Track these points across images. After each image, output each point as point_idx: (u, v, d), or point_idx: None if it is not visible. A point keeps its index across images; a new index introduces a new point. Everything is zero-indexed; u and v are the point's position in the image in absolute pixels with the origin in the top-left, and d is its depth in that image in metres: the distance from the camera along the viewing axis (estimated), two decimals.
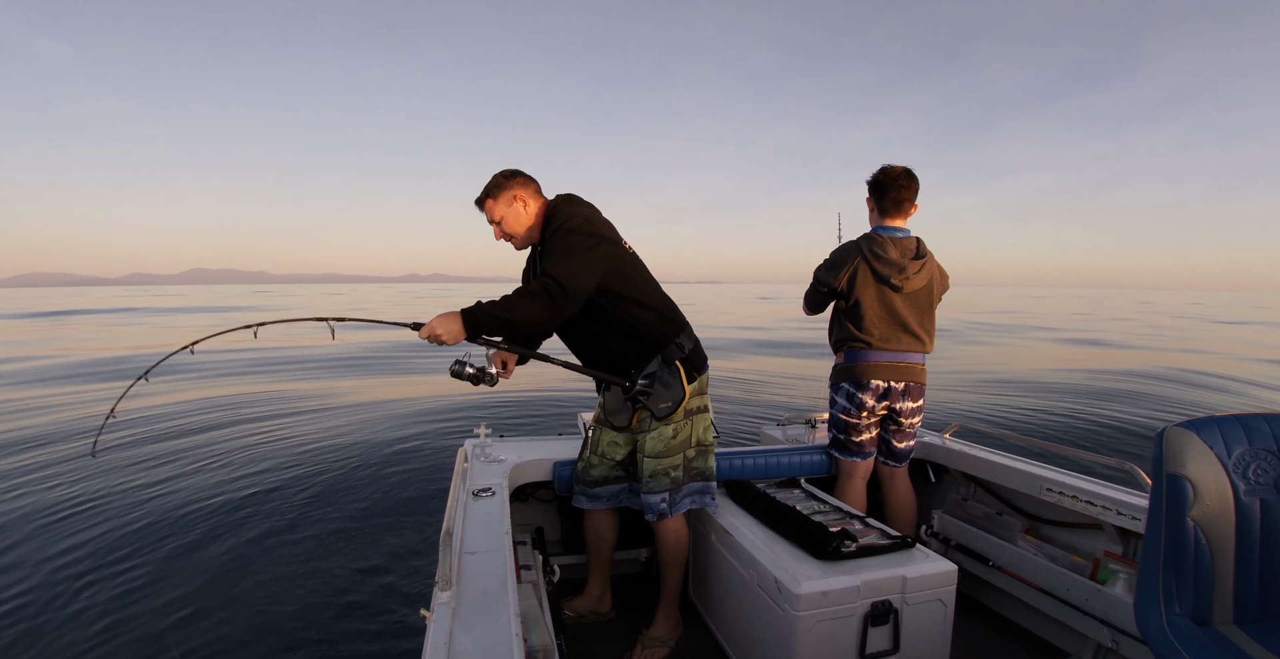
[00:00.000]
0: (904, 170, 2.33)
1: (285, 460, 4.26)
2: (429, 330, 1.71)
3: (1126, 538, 2.05)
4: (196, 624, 2.42)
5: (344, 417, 5.45)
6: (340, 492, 3.76)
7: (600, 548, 2.22)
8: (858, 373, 2.37)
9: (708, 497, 2.07)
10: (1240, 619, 1.30)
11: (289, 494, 3.69)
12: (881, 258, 2.31)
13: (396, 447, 4.67)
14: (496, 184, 1.92)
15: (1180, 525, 1.28)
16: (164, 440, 4.70)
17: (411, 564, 2.94)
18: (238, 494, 3.65)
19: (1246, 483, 1.30)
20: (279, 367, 8.05)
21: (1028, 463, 2.33)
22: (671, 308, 2.00)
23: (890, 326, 2.35)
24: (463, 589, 1.25)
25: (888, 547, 1.81)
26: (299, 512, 3.45)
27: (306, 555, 2.97)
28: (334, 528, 3.27)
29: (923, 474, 2.76)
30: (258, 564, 2.88)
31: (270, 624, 2.43)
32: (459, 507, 1.67)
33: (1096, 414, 7.50)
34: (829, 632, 1.63)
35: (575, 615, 2.24)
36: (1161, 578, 1.29)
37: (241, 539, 3.12)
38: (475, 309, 1.70)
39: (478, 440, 2.29)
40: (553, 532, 2.57)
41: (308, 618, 2.48)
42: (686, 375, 1.91)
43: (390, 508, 3.57)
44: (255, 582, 2.73)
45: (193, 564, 2.86)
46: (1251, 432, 1.32)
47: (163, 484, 3.79)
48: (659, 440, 1.95)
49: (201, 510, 3.42)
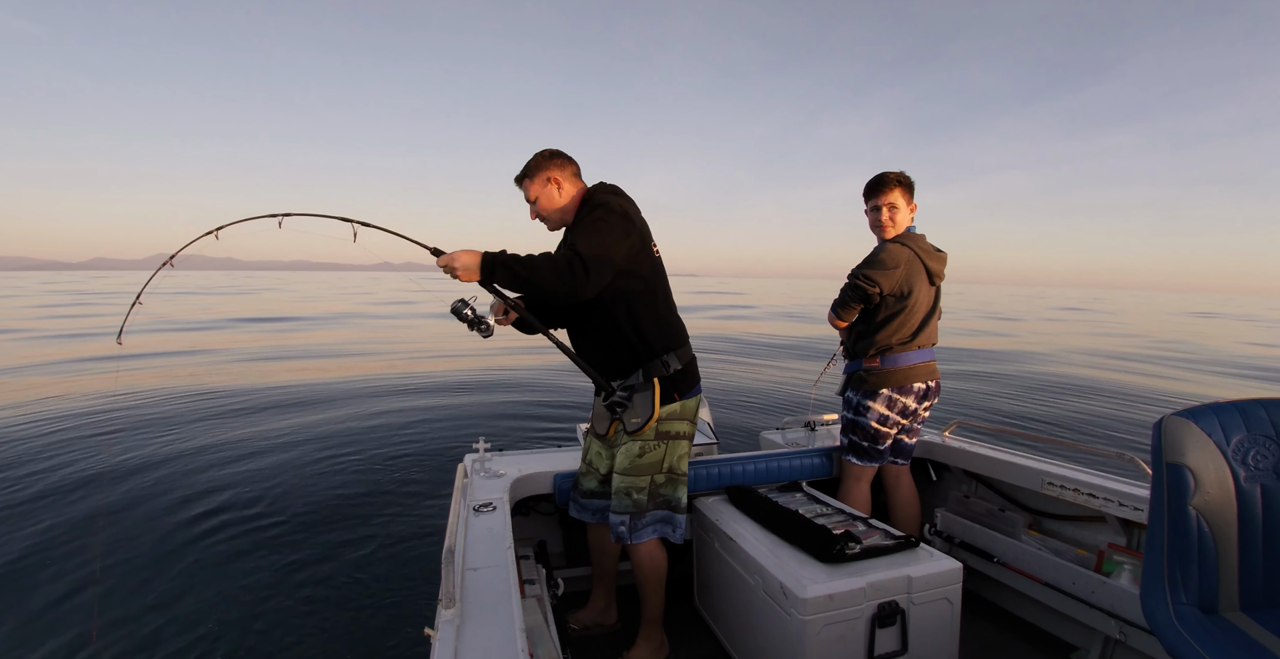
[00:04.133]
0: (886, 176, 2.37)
1: (272, 477, 4.22)
2: (448, 260, 1.70)
3: (1130, 529, 2.05)
4: (194, 642, 2.38)
5: (338, 436, 5.41)
6: (338, 509, 3.72)
7: (603, 560, 2.20)
8: (900, 377, 2.31)
9: (669, 527, 1.95)
10: (1246, 606, 1.31)
11: (278, 511, 3.64)
12: (932, 255, 2.33)
13: (393, 462, 4.64)
14: (534, 164, 1.91)
15: (1183, 514, 1.28)
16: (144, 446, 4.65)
17: (414, 581, 2.91)
18: (214, 509, 3.61)
19: (1246, 469, 1.30)
20: (284, 329, 7.96)
21: (1028, 457, 2.34)
22: (674, 323, 1.95)
23: (928, 325, 2.35)
24: (467, 606, 1.24)
25: (892, 547, 1.80)
26: (291, 530, 3.41)
27: (302, 576, 2.93)
28: (333, 545, 3.24)
29: (924, 473, 2.76)
30: (248, 585, 2.84)
31: (267, 648, 2.39)
32: (460, 522, 1.66)
33: (1093, 407, 7.55)
34: (837, 635, 1.63)
35: (581, 628, 2.22)
36: (1166, 568, 1.29)
37: (224, 559, 3.08)
38: (498, 255, 1.68)
39: (477, 455, 2.28)
40: (555, 545, 2.55)
41: (309, 639, 2.45)
42: (663, 395, 1.86)
43: (390, 524, 3.53)
44: (248, 603, 2.69)
45: (178, 581, 2.82)
46: (1249, 418, 1.33)
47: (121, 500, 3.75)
48: (626, 456, 1.91)
49: (177, 523, 3.37)
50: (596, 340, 1.91)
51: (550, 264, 1.66)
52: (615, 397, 1.89)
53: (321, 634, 2.49)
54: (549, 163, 1.91)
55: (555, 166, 1.91)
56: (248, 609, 2.65)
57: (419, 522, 3.60)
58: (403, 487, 4.18)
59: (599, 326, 1.87)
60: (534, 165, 1.91)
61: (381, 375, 8.22)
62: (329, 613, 2.64)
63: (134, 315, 2.11)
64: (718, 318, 22.50)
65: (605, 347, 1.89)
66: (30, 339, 12.40)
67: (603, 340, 1.89)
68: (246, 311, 20.66)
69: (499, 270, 1.67)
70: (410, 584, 2.90)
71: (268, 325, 16.37)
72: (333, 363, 9.35)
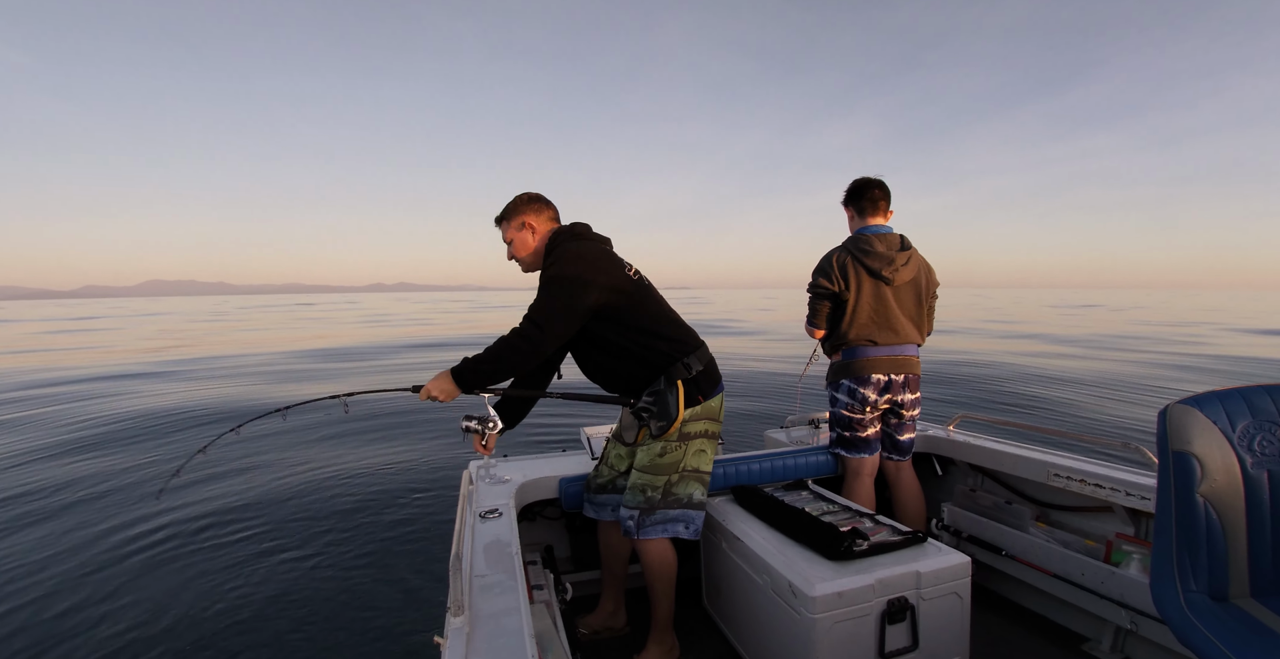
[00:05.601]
0: (875, 178, 2.45)
1: (279, 486, 4.22)
2: (426, 391, 1.82)
3: (1138, 518, 2.05)
4: (197, 649, 2.38)
5: (343, 444, 5.41)
6: (344, 518, 3.72)
7: (613, 562, 2.20)
8: (857, 368, 2.40)
9: (681, 525, 1.95)
10: (1257, 592, 1.30)
11: (281, 521, 3.65)
12: (869, 252, 2.36)
13: (398, 470, 4.64)
14: (512, 207, 1.97)
15: (1190, 502, 1.28)
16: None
17: (422, 590, 2.91)
18: (211, 515, 3.61)
19: (1253, 456, 1.30)
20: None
21: (1033, 449, 2.33)
22: (683, 330, 1.97)
23: (885, 321, 2.38)
24: (475, 613, 1.24)
25: (899, 543, 1.80)
26: (295, 540, 3.42)
27: (309, 585, 2.93)
28: (339, 555, 3.24)
29: (929, 467, 2.75)
30: (253, 594, 2.84)
31: (276, 656, 2.39)
32: (467, 529, 1.66)
33: (1097, 399, 7.53)
34: (847, 632, 1.62)
35: (590, 632, 2.21)
36: (1175, 556, 1.29)
37: (227, 567, 3.08)
38: (462, 367, 1.79)
39: (482, 461, 2.27)
40: (562, 549, 2.54)
41: (316, 648, 2.45)
42: (687, 397, 1.88)
43: (396, 532, 3.53)
44: (258, 609, 2.69)
45: (185, 588, 2.82)
46: (1254, 404, 1.33)
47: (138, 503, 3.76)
48: (646, 455, 1.94)
49: (185, 530, 3.38)
50: (612, 367, 1.93)
51: (506, 345, 1.75)
52: (642, 402, 1.90)
53: (329, 643, 2.49)
54: (526, 207, 1.96)
55: (532, 211, 1.96)
56: (254, 618, 2.65)
57: (425, 529, 3.60)
58: (408, 494, 4.18)
59: (610, 357, 1.90)
60: (511, 209, 1.97)
61: (384, 382, 8.23)
62: (337, 622, 2.64)
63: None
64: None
65: (624, 369, 1.91)
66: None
67: (620, 366, 1.91)
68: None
69: (469, 377, 1.78)
70: (418, 592, 2.89)
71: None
72: (334, 366, 9.37)
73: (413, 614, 2.71)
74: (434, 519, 3.75)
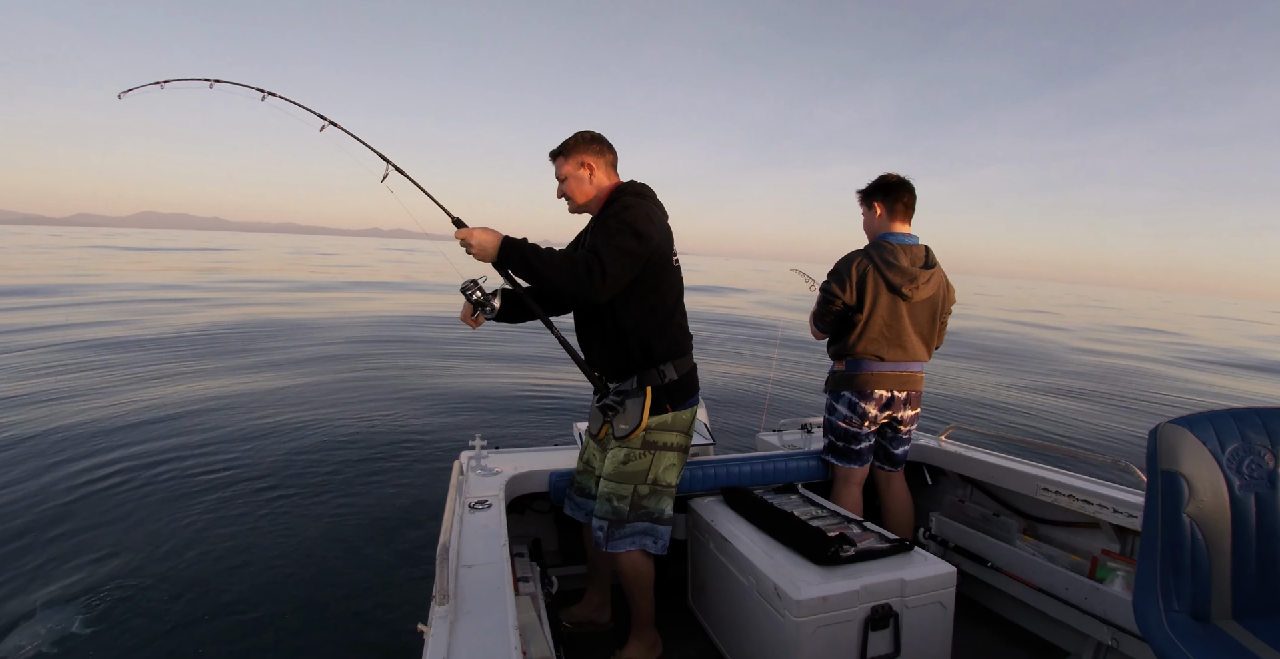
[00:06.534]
0: (908, 180, 2.33)
1: (261, 470, 4.21)
2: (467, 234, 1.72)
3: (1124, 536, 2.06)
4: (180, 638, 2.38)
5: (333, 424, 5.40)
6: (332, 503, 3.72)
7: (597, 559, 2.20)
8: (860, 382, 2.34)
9: (649, 539, 1.90)
10: (1239, 614, 1.31)
11: (268, 505, 3.64)
12: (894, 266, 2.26)
13: (389, 458, 4.63)
14: (572, 144, 1.88)
15: (1176, 522, 1.28)
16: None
17: (408, 578, 2.91)
18: (202, 500, 3.60)
19: (1241, 478, 1.31)
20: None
21: (1023, 463, 2.34)
22: (683, 332, 1.94)
23: (897, 337, 2.32)
24: (460, 603, 1.24)
25: (886, 550, 1.81)
26: (282, 524, 3.41)
27: (295, 570, 2.93)
28: (326, 540, 3.24)
29: (919, 476, 2.76)
30: (237, 579, 2.83)
31: (259, 644, 2.39)
32: (455, 519, 1.66)
33: (1091, 411, 7.56)
34: (830, 637, 1.63)
35: (574, 625, 2.22)
36: (1160, 575, 1.29)
37: (212, 550, 3.07)
38: (519, 243, 1.70)
39: (473, 452, 2.28)
40: (550, 543, 2.55)
41: (302, 634, 2.45)
42: (655, 404, 1.84)
43: (386, 521, 3.53)
44: (237, 598, 2.68)
45: (161, 577, 2.81)
46: (1245, 426, 1.33)
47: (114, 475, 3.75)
48: (611, 462, 1.90)
49: (163, 521, 3.37)
50: (600, 340, 1.90)
51: (569, 265, 1.66)
52: (609, 399, 1.89)
53: (314, 629, 2.49)
54: (588, 146, 1.88)
55: (593, 152, 1.89)
56: (236, 604, 2.65)
57: (414, 518, 3.59)
58: (398, 482, 4.17)
59: (605, 328, 1.86)
60: (572, 145, 1.88)
61: (377, 370, 8.21)
62: (321, 608, 2.64)
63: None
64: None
65: (607, 348, 1.88)
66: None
67: (606, 341, 1.88)
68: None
69: (515, 257, 1.68)
70: (404, 580, 2.90)
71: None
72: (329, 351, 9.35)
73: (397, 602, 2.71)
74: (422, 507, 3.75)
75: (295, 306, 14.56)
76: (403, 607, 2.67)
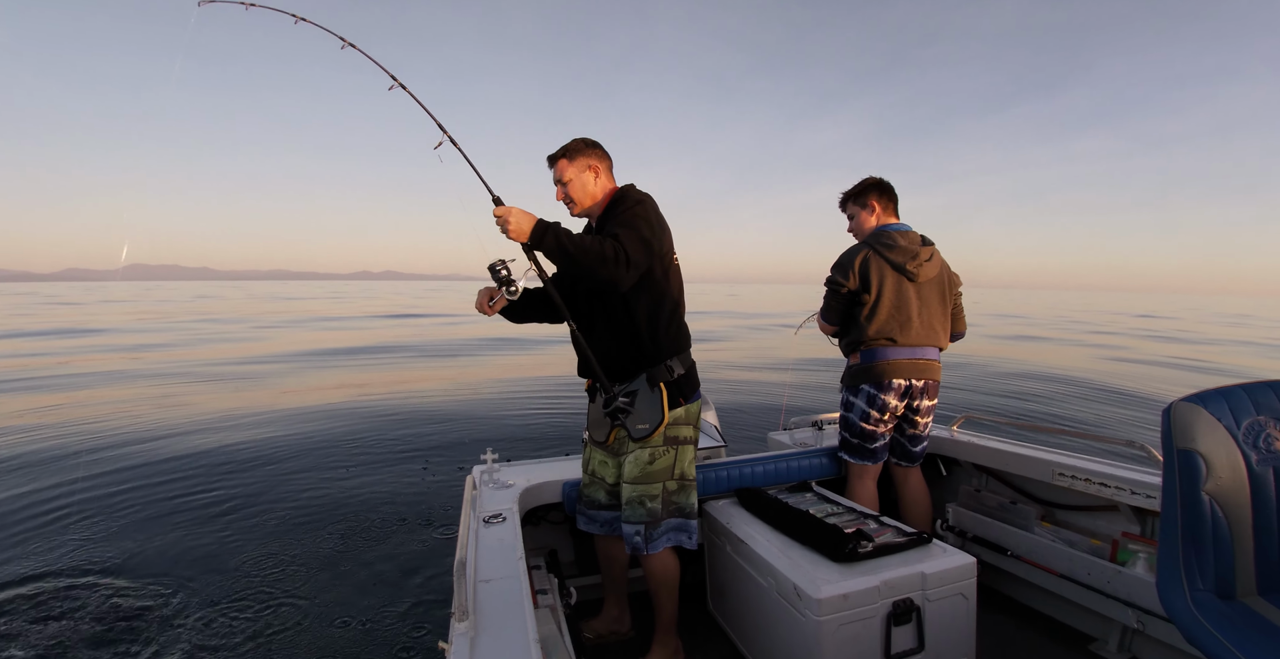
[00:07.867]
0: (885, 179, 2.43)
1: (276, 490, 4.21)
2: (505, 212, 1.74)
3: (1144, 517, 2.04)
4: (200, 652, 2.38)
5: (345, 449, 5.41)
6: (346, 523, 3.71)
7: (612, 569, 2.19)
8: (878, 372, 2.32)
9: (684, 535, 1.94)
10: (1264, 590, 1.29)
11: (282, 524, 3.64)
12: (892, 246, 2.31)
13: (402, 475, 4.63)
14: (576, 148, 1.92)
15: (1196, 500, 1.27)
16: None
17: (426, 596, 2.90)
18: (215, 516, 3.60)
19: (1258, 452, 1.29)
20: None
21: (1038, 449, 2.33)
22: (681, 328, 1.96)
23: (908, 320, 2.32)
24: (480, 618, 1.24)
25: (904, 544, 1.80)
26: (297, 545, 3.41)
27: (311, 591, 2.92)
28: (342, 560, 3.23)
29: (933, 468, 2.75)
30: (253, 598, 2.83)
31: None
32: (470, 534, 1.66)
33: (1103, 396, 7.52)
34: (852, 634, 1.62)
35: (595, 637, 2.21)
36: (1182, 554, 1.28)
37: (228, 569, 3.07)
38: (553, 224, 1.73)
39: (485, 466, 2.28)
40: (566, 553, 2.54)
41: (321, 655, 2.44)
42: (670, 400, 1.87)
43: (400, 537, 3.53)
44: (252, 618, 2.68)
45: (182, 598, 2.81)
46: (1258, 401, 1.32)
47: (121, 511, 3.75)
48: (636, 465, 1.90)
49: (178, 535, 3.38)
50: (610, 336, 1.89)
51: (600, 249, 1.68)
52: (618, 402, 1.88)
53: (332, 650, 2.48)
54: (592, 151, 1.93)
55: (597, 156, 1.93)
56: (253, 624, 2.65)
57: (429, 534, 3.59)
58: (411, 499, 4.17)
59: (615, 323, 1.87)
60: (575, 148, 1.92)
61: (385, 387, 8.23)
62: (340, 627, 2.63)
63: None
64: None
65: (618, 344, 1.88)
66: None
67: (617, 337, 1.88)
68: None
69: (549, 238, 1.70)
70: (422, 598, 2.89)
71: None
72: (338, 375, 9.37)
73: (416, 620, 2.70)
74: (437, 523, 3.75)
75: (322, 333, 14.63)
76: (422, 624, 2.66)
